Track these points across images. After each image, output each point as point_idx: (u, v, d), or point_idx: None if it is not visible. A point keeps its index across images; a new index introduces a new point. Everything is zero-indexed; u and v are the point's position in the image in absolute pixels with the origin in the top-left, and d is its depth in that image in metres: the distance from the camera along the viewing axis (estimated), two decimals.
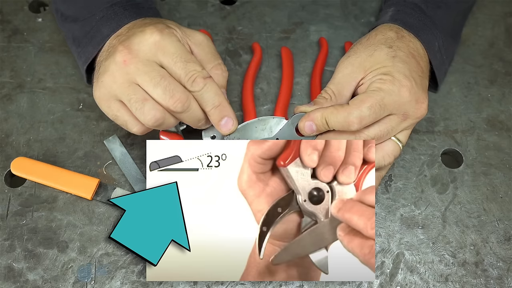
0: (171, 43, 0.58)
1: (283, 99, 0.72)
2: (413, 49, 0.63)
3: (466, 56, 0.79)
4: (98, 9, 0.66)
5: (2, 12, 0.81)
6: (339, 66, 0.63)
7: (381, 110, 0.57)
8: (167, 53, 0.57)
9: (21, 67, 0.76)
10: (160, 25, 0.59)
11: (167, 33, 0.58)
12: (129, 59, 0.57)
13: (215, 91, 0.58)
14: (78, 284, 0.61)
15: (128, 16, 0.65)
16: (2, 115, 0.72)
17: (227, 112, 0.60)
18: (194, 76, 0.57)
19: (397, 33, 0.64)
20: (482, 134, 0.73)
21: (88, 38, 0.66)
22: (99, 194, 0.66)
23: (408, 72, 0.59)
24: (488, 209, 0.67)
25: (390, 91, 0.58)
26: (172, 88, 0.56)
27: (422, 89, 0.61)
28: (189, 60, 0.58)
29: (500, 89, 0.77)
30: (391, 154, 0.61)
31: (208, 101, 0.59)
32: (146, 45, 0.58)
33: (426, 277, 0.63)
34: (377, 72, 0.60)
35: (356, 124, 0.57)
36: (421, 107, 0.60)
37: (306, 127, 0.59)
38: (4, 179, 0.68)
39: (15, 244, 0.63)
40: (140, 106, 0.57)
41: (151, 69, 0.57)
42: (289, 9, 0.83)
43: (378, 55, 0.61)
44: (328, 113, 0.58)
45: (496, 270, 0.63)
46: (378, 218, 0.66)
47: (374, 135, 0.59)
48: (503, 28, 0.82)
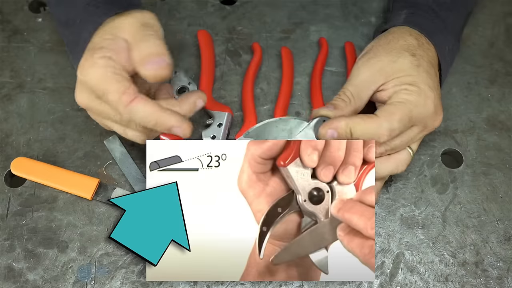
0: (89, 77, 0.55)
1: (283, 99, 0.72)
2: (431, 58, 0.62)
3: (466, 56, 0.79)
4: (78, 11, 0.64)
5: (2, 12, 0.81)
6: (359, 67, 0.61)
7: (409, 123, 0.57)
8: (92, 91, 0.56)
9: (21, 67, 0.76)
10: (87, 52, 0.57)
11: (88, 65, 0.55)
12: (83, 105, 0.59)
13: (140, 114, 0.54)
14: (78, 284, 0.61)
15: (101, 15, 0.61)
16: (2, 115, 0.72)
17: (167, 125, 0.55)
18: (117, 108, 0.55)
19: (418, 40, 0.63)
20: (482, 134, 0.73)
21: (74, 44, 0.65)
22: (99, 194, 0.66)
23: (432, 83, 0.59)
24: (488, 209, 0.67)
25: (417, 103, 0.57)
26: (125, 121, 0.57)
27: (440, 98, 0.61)
28: (106, 92, 0.54)
29: (500, 89, 0.77)
30: (405, 163, 0.61)
31: (145, 124, 0.56)
32: (79, 86, 0.58)
33: (426, 277, 0.63)
34: (401, 81, 0.59)
35: (386, 136, 0.56)
36: (438, 118, 0.60)
37: (328, 135, 0.57)
38: (4, 179, 0.68)
39: (15, 244, 0.63)
40: (125, 136, 0.60)
41: (102, 108, 0.57)
42: (289, 9, 0.83)
43: (402, 62, 0.60)
44: (354, 124, 0.57)
45: (496, 270, 0.63)
46: (378, 218, 0.66)
47: (395, 145, 0.59)
48: (503, 28, 0.82)
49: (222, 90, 0.75)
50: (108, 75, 0.54)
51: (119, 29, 0.58)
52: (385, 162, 0.60)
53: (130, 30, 0.57)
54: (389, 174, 0.62)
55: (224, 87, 0.76)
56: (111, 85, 0.54)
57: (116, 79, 0.54)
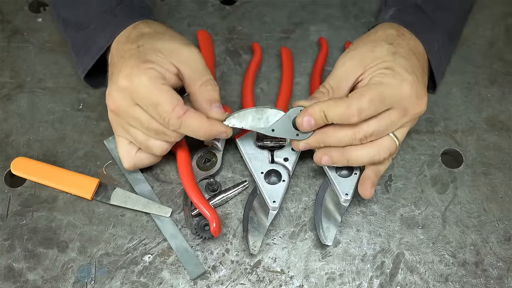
0: (139, 86, 0.56)
1: (283, 99, 0.72)
2: (413, 47, 0.63)
3: (466, 56, 0.79)
4: (93, 16, 0.65)
5: (2, 12, 0.81)
6: (338, 61, 0.63)
7: (381, 103, 0.57)
8: (137, 98, 0.57)
9: (21, 67, 0.76)
10: (133, 60, 0.58)
11: (136, 74, 0.56)
12: (115, 108, 0.59)
13: (193, 126, 0.58)
14: (78, 284, 0.61)
15: (119, 24, 0.63)
16: (2, 115, 0.72)
17: (215, 134, 0.60)
18: (167, 119, 0.57)
19: (398, 30, 0.64)
20: (482, 134, 0.73)
21: (86, 49, 0.66)
22: (99, 194, 0.66)
23: (409, 68, 0.59)
24: (488, 209, 0.67)
25: (391, 85, 0.58)
26: (162, 130, 0.58)
27: (423, 85, 0.61)
28: (158, 103, 0.56)
29: (500, 89, 0.77)
30: (387, 149, 0.60)
31: (194, 134, 0.59)
32: (120, 92, 0.58)
33: (426, 277, 0.63)
34: (378, 67, 0.59)
35: (355, 116, 0.57)
36: (421, 102, 0.60)
37: (305, 123, 0.59)
38: (4, 179, 0.68)
39: (15, 244, 0.63)
40: (145, 146, 0.61)
41: (138, 114, 0.58)
42: (289, 9, 0.83)
43: (379, 51, 0.61)
44: (326, 106, 0.58)
45: (496, 270, 0.63)
46: (378, 218, 0.66)
47: (374, 130, 0.58)
48: (503, 28, 0.82)
49: (222, 90, 0.75)
50: (159, 86, 0.56)
51: (172, 54, 0.59)
52: (367, 148, 0.60)
53: (188, 63, 0.60)
54: (371, 161, 0.60)
55: (224, 87, 0.76)
56: (164, 97, 0.56)
57: (167, 92, 0.57)
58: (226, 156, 0.70)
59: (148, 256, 0.63)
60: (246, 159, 0.66)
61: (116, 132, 0.62)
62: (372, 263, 0.63)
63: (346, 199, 0.64)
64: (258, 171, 0.65)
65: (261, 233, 0.63)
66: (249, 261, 0.63)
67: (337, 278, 0.63)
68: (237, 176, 0.69)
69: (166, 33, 0.62)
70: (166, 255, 0.63)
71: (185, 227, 0.65)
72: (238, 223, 0.65)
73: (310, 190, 0.68)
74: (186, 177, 0.64)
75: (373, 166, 0.62)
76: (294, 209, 0.67)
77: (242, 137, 0.68)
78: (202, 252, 0.64)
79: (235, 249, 0.64)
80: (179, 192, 0.67)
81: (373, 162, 0.61)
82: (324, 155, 0.61)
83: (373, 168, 0.62)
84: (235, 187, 0.67)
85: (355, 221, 0.66)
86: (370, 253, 0.64)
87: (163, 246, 0.64)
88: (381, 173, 0.63)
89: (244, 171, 0.69)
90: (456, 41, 0.76)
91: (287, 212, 0.66)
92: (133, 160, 0.63)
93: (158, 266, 0.63)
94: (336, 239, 0.65)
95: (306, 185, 0.68)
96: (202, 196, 0.63)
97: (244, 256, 0.64)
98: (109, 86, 0.59)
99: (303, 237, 0.65)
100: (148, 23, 0.64)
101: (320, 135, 0.61)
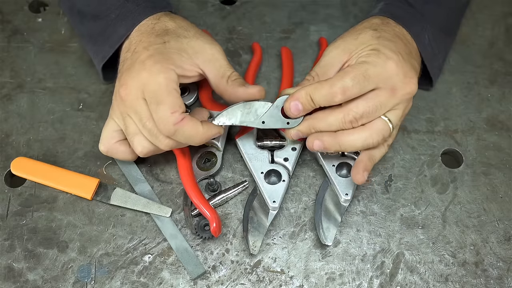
0: (154, 81, 0.57)
1: None
2: (398, 33, 0.64)
3: (466, 56, 0.79)
4: (112, 5, 0.66)
5: (2, 12, 0.81)
6: (325, 51, 0.64)
7: (365, 81, 0.57)
8: (147, 91, 0.57)
9: (21, 67, 0.76)
10: (157, 56, 0.58)
11: (157, 70, 0.57)
12: (125, 95, 0.59)
13: (187, 134, 0.58)
14: (78, 284, 0.61)
15: (142, 13, 0.64)
16: (2, 115, 0.72)
17: (210, 138, 0.61)
18: (163, 123, 0.57)
19: (382, 20, 0.65)
20: (482, 134, 0.73)
21: (105, 37, 0.67)
22: (99, 194, 0.66)
23: (394, 48, 0.60)
24: (488, 209, 0.67)
25: (374, 63, 0.58)
26: (155, 132, 0.58)
27: (410, 65, 0.61)
28: (161, 102, 0.57)
29: (500, 89, 0.77)
30: (379, 132, 0.59)
31: (188, 142, 0.59)
32: (136, 82, 0.58)
33: (426, 277, 0.63)
34: (363, 51, 0.60)
35: (339, 95, 0.57)
36: (409, 82, 0.59)
37: (292, 108, 0.60)
38: (4, 179, 0.68)
39: (15, 244, 0.63)
40: (131, 139, 0.61)
41: (141, 109, 0.58)
42: (289, 9, 0.83)
43: (363, 37, 0.62)
44: (311, 89, 0.58)
45: (496, 270, 0.63)
46: (378, 218, 0.66)
47: (363, 111, 0.58)
48: (503, 28, 0.82)
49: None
50: (170, 89, 0.58)
51: (197, 53, 0.61)
52: (358, 131, 0.59)
53: (212, 61, 0.62)
54: (365, 145, 0.60)
55: None
56: (169, 99, 0.57)
57: (174, 95, 0.57)
58: (226, 156, 0.70)
59: (148, 256, 0.63)
60: (246, 159, 0.66)
61: (112, 115, 0.62)
62: (372, 263, 0.63)
63: (346, 199, 0.64)
64: (258, 171, 0.65)
65: (261, 233, 0.63)
66: (249, 261, 0.63)
67: (337, 278, 0.63)
68: (237, 176, 0.69)
69: (190, 29, 0.63)
70: (166, 255, 0.63)
71: (185, 227, 0.65)
72: (238, 223, 0.65)
73: (310, 190, 0.68)
74: (186, 177, 0.64)
75: (367, 151, 0.62)
76: (294, 209, 0.67)
77: (242, 137, 0.68)
78: (202, 252, 0.64)
79: (235, 249, 0.64)
80: (179, 192, 0.67)
81: (367, 147, 0.60)
82: (316, 139, 0.60)
83: (367, 153, 0.62)
84: (235, 187, 0.67)
85: (355, 221, 0.66)
86: (370, 253, 0.64)
87: (163, 246, 0.64)
88: (376, 159, 0.62)
89: (244, 171, 0.69)
90: (454, 36, 0.76)
91: (287, 212, 0.66)
92: (110, 147, 0.63)
93: (158, 266, 0.63)
94: (336, 239, 0.65)
95: (306, 185, 0.68)
96: (202, 196, 0.63)
97: (244, 256, 0.64)
98: (127, 74, 0.59)
99: (303, 237, 0.65)
100: (171, 17, 0.65)
101: (311, 120, 0.61)
